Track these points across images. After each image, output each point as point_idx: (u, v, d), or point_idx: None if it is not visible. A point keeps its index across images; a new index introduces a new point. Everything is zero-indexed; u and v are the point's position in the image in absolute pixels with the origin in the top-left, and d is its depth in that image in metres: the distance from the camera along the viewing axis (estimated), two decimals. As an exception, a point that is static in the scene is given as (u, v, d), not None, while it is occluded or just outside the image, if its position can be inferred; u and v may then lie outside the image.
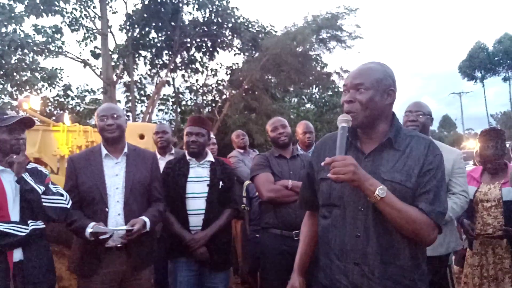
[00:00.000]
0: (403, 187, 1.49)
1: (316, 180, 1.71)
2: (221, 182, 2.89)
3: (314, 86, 18.63)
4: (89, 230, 2.30)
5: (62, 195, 2.26)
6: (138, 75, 17.09)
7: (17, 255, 2.12)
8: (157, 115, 17.86)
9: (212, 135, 4.47)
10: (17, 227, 2.11)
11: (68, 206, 2.26)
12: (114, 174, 2.50)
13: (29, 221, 2.16)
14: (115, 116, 2.53)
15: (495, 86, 62.84)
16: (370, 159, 1.57)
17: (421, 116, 2.81)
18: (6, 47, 11.45)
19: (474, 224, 3.12)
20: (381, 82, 1.56)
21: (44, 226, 2.25)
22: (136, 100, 17.04)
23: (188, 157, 2.94)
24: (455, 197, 2.68)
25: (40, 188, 2.15)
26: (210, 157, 2.99)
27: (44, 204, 2.14)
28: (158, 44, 16.12)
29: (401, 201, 1.46)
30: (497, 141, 3.08)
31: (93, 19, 14.96)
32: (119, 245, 2.42)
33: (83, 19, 14.90)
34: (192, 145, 2.89)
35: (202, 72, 17.31)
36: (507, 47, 38.27)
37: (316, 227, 1.76)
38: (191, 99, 18.29)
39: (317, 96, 22.38)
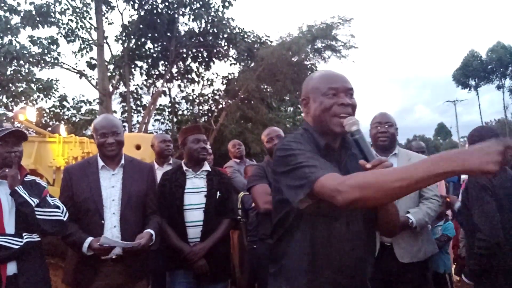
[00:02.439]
0: None
1: None
2: (218, 192, 2.88)
3: (309, 95, 18.68)
4: (86, 245, 2.29)
5: (58, 207, 2.24)
6: (134, 85, 17.11)
7: (11, 268, 2.09)
8: (153, 125, 17.85)
9: (208, 145, 4.47)
10: (11, 239, 2.09)
11: (65, 219, 2.23)
12: (111, 186, 2.49)
13: (23, 234, 2.14)
14: (116, 133, 2.50)
15: (489, 94, 63.36)
16: (343, 167, 1.56)
17: (391, 127, 2.86)
18: (2, 58, 11.44)
19: None
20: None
21: (39, 239, 2.23)
22: (132, 111, 17.03)
23: (185, 168, 2.93)
24: (429, 202, 2.74)
25: (33, 201, 2.13)
26: (206, 167, 2.98)
27: (38, 217, 2.11)
28: (154, 55, 16.18)
29: None
30: None
31: (89, 30, 15.02)
32: (114, 257, 2.39)
33: (79, 30, 14.94)
34: (202, 151, 2.91)
35: (198, 82, 17.38)
36: (500, 55, 38.68)
37: None
38: (187, 109, 18.33)
39: (313, 105, 22.42)
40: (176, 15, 15.10)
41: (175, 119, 17.98)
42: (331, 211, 1.47)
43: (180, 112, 18.45)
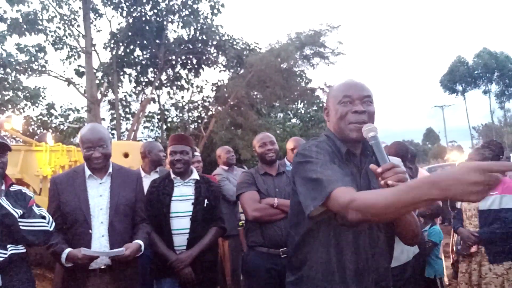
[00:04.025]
0: None
1: None
2: (206, 200, 2.86)
3: (299, 102, 18.81)
4: (64, 256, 2.25)
5: (44, 217, 2.20)
6: (123, 92, 17.06)
7: None
8: (142, 133, 17.80)
9: (197, 153, 4.44)
10: None
11: (51, 229, 2.20)
12: (98, 195, 2.45)
13: (8, 246, 2.09)
14: (103, 146, 2.43)
15: (476, 99, 64.30)
16: (364, 173, 1.57)
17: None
18: (-12, 67, 11.33)
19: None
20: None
21: (24, 250, 2.19)
22: (121, 118, 16.94)
23: (172, 176, 2.91)
24: None
25: (16, 212, 2.08)
26: (195, 175, 2.96)
27: (23, 228, 2.07)
28: (143, 62, 16.14)
29: None
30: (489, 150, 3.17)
31: (77, 37, 14.93)
32: (102, 267, 2.36)
33: (67, 37, 14.85)
34: (177, 164, 2.86)
35: (188, 89, 17.39)
36: (486, 61, 39.36)
37: None
38: (176, 116, 18.29)
39: (302, 111, 22.59)
40: (165, 22, 15.10)
41: (164, 126, 17.92)
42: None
43: (169, 119, 18.41)
